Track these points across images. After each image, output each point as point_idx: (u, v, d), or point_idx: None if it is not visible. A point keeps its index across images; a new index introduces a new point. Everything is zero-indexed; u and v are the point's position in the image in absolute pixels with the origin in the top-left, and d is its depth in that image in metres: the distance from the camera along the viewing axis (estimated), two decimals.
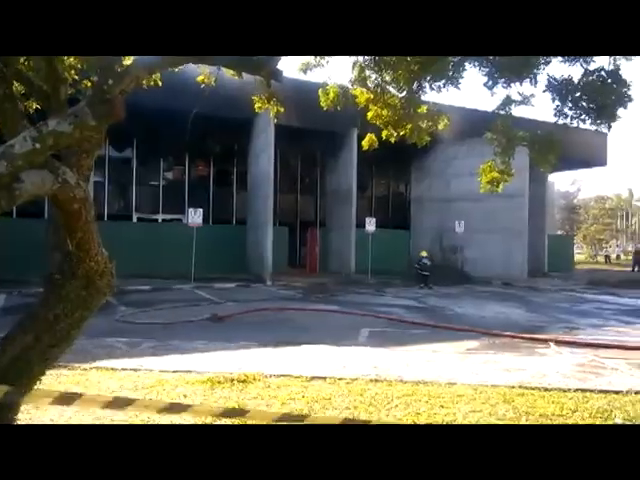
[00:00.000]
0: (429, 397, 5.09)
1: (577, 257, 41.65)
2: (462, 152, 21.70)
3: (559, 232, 42.90)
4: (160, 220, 22.16)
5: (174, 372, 5.95)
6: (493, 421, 4.41)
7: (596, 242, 50.95)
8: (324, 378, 5.79)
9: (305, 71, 6.44)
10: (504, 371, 6.27)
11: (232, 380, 5.53)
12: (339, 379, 5.77)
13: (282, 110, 5.71)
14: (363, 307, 12.78)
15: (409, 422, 4.36)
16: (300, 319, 11.10)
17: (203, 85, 5.55)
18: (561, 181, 55.92)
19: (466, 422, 4.40)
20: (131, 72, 2.70)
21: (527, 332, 9.57)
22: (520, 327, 10.30)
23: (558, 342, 8.47)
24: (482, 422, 4.40)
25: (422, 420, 4.43)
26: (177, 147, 21.63)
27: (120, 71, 2.72)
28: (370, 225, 20.65)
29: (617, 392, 5.41)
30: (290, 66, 20.31)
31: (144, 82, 4.11)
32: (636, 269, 30.03)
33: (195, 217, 17.48)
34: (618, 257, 48.03)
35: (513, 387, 5.50)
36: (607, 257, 45.61)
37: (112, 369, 6.01)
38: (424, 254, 19.30)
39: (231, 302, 13.30)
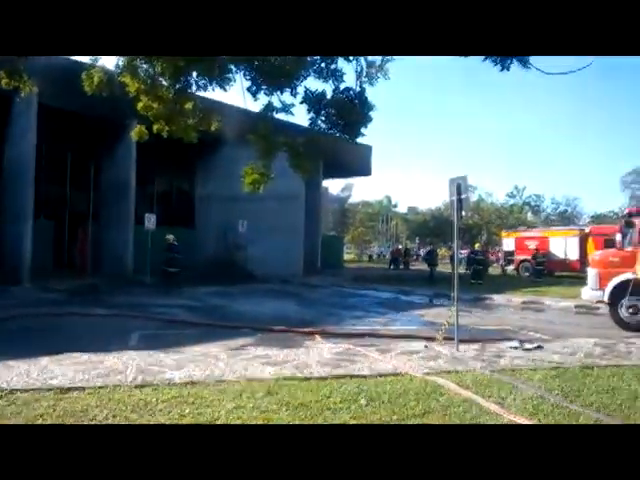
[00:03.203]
0: (196, 398, 5.03)
1: (347, 256, 46.20)
2: (248, 153, 22.16)
3: (332, 233, 46.94)
4: None
5: None
6: (255, 415, 4.55)
7: (362, 243, 57.13)
8: (83, 389, 5.29)
9: None
10: (272, 364, 6.55)
11: None
12: (100, 388, 5.33)
13: (34, 89, 5.05)
14: (138, 309, 12.13)
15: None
16: (62, 325, 10.01)
17: None
18: (334, 186, 61.31)
19: (230, 418, 4.45)
20: None
21: (299, 326, 10.21)
22: (293, 321, 10.94)
23: (323, 334, 9.22)
24: (246, 417, 4.50)
25: (186, 422, 4.35)
26: None
27: None
28: (150, 222, 19.69)
29: (366, 376, 6.09)
30: None
31: None
32: (392, 267, 34.50)
33: None
34: (379, 256, 54.57)
35: (278, 379, 5.78)
36: (370, 256, 51.60)
37: None
38: (170, 238, 17.84)
39: None
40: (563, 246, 28.69)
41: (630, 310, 10.86)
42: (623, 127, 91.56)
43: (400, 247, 40.38)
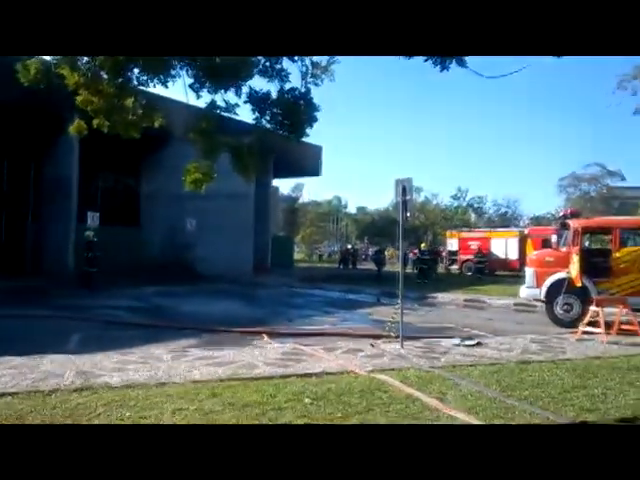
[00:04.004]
0: (137, 401, 4.92)
1: (297, 256, 46.22)
2: (196, 150, 21.76)
3: (282, 233, 46.87)
4: None
5: None
6: (198, 417, 4.50)
7: (312, 242, 57.35)
8: (16, 394, 5.08)
9: None
10: (217, 365, 6.48)
11: None
12: (36, 392, 5.13)
13: None
14: (79, 310, 11.72)
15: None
16: None
17: None
18: (285, 186, 61.26)
19: (172, 421, 4.38)
20: None
21: (247, 326, 10.14)
22: (241, 322, 10.85)
23: (270, 334, 9.20)
24: (189, 418, 4.44)
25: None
26: None
27: None
28: (93, 220, 19.04)
29: (311, 375, 6.13)
30: None
31: None
32: (341, 266, 34.80)
33: None
34: (329, 256, 54.94)
35: (223, 380, 5.73)
36: (320, 256, 51.86)
37: None
38: (89, 235, 16.66)
39: None
40: (504, 246, 29.84)
41: (564, 307, 11.41)
42: (561, 132, 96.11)
43: (349, 247, 40.79)
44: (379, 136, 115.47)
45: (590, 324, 9.40)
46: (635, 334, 9.26)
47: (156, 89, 5.36)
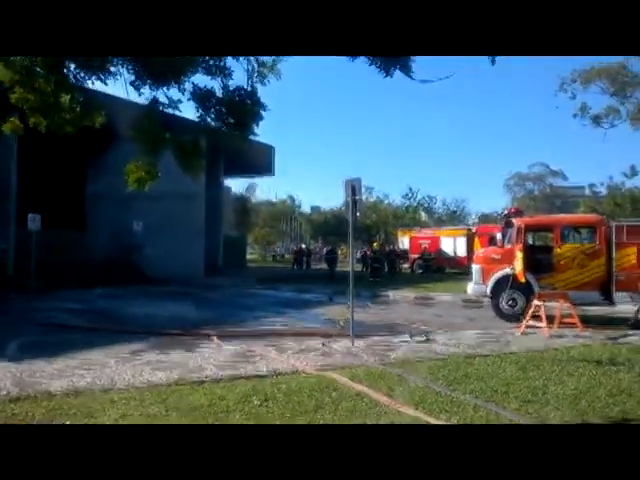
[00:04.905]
0: (79, 409, 4.74)
1: (250, 256, 45.89)
2: (139, 149, 21.20)
3: (235, 233, 46.40)
4: None
5: None
6: (142, 421, 4.38)
7: (266, 243, 57.04)
8: None
9: None
10: (165, 370, 6.33)
11: None
12: None
13: None
14: (17, 314, 11.20)
15: None
16: None
17: None
18: (237, 186, 60.60)
19: None
20: None
21: (197, 329, 9.96)
22: (191, 324, 10.65)
23: (221, 336, 9.07)
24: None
25: None
26: None
27: None
28: (34, 223, 18.21)
29: (262, 376, 6.09)
30: None
31: None
32: (295, 266, 34.77)
33: None
34: (283, 256, 54.80)
35: (170, 385, 5.61)
36: (274, 256, 51.65)
37: None
38: None
39: None
40: (453, 244, 30.62)
41: (509, 303, 11.82)
42: (507, 133, 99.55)
43: (303, 247, 40.80)
44: (333, 136, 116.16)
45: (533, 318, 9.76)
46: (575, 327, 9.70)
47: (97, 87, 5.20)
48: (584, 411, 4.89)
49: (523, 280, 11.36)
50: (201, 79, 4.60)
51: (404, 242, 33.40)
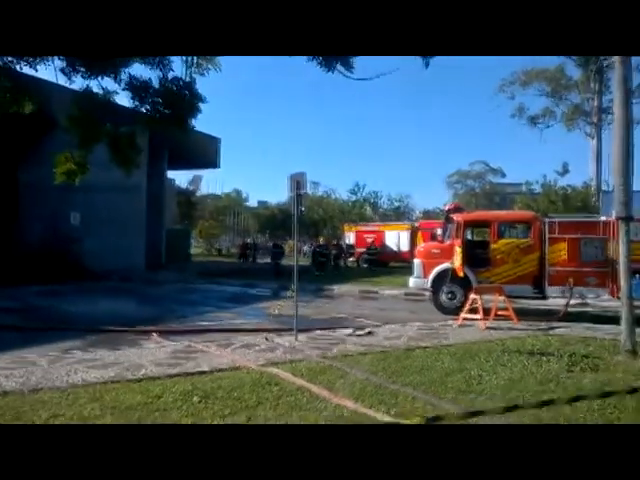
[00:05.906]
0: (5, 410, 4.49)
1: (195, 250, 44.97)
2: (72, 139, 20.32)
3: (179, 226, 45.35)
4: None
5: None
6: (76, 422, 4.21)
7: (211, 236, 56.07)
8: None
9: None
10: (100, 368, 6.12)
11: None
12: None
13: None
14: None
15: None
16: None
17: None
18: (181, 178, 59.30)
19: None
20: None
21: (136, 325, 9.67)
22: (130, 321, 10.31)
23: (161, 332, 8.86)
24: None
25: None
26: None
27: None
28: None
29: (202, 373, 5.99)
30: None
31: None
32: (241, 260, 34.42)
33: None
34: (228, 250, 54.05)
35: (105, 383, 5.42)
36: (220, 250, 50.86)
37: None
38: None
39: None
40: (397, 239, 31.21)
41: (448, 296, 12.19)
42: (450, 131, 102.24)
43: (249, 241, 40.42)
44: (283, 131, 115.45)
45: (471, 311, 10.10)
46: (510, 319, 10.11)
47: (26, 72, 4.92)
48: (515, 399, 5.11)
49: (461, 274, 11.74)
50: (139, 69, 4.45)
51: (350, 237, 33.73)
